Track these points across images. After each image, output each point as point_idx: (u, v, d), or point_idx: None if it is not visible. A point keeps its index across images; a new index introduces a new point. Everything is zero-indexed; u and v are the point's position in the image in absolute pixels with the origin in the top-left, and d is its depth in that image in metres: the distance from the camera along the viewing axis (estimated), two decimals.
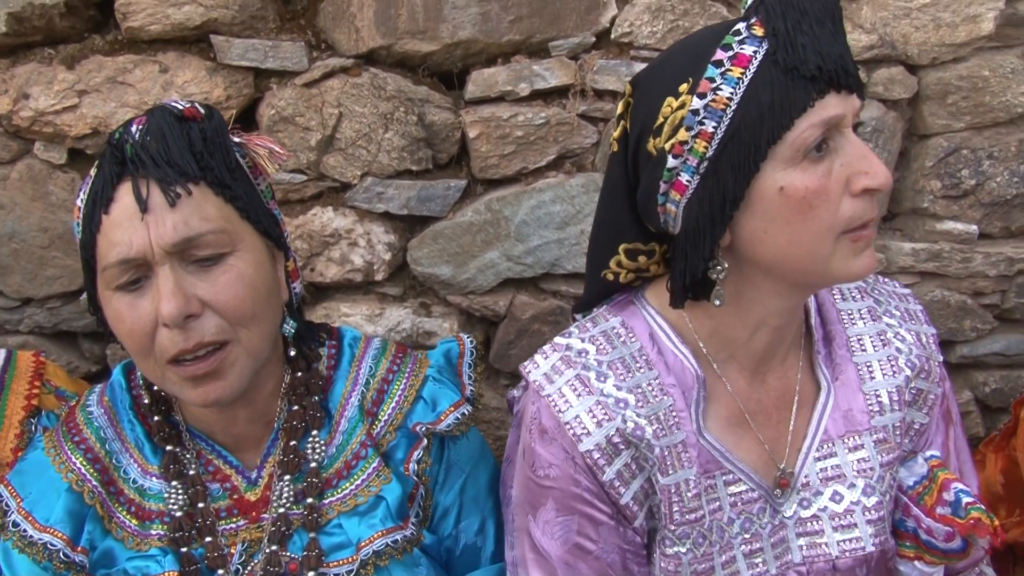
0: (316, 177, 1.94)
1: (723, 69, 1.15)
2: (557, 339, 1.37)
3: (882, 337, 1.40)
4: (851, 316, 1.41)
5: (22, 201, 1.93)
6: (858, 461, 1.35)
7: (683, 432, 1.29)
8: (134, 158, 1.23)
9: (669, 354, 1.32)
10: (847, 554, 1.34)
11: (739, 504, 1.32)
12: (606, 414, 1.27)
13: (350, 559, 1.36)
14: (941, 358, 1.45)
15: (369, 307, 2.02)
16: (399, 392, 1.47)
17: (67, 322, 2.07)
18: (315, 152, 1.91)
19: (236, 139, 1.33)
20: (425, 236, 1.98)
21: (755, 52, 1.14)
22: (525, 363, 1.37)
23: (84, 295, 2.02)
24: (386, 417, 1.45)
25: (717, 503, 1.31)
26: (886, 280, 1.52)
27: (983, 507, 1.32)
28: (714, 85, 1.15)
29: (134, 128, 1.26)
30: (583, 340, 1.34)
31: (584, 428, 1.27)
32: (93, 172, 1.29)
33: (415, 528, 1.41)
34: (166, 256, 1.22)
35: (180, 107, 1.27)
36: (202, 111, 1.29)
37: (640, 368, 1.31)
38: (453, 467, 1.48)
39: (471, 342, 1.59)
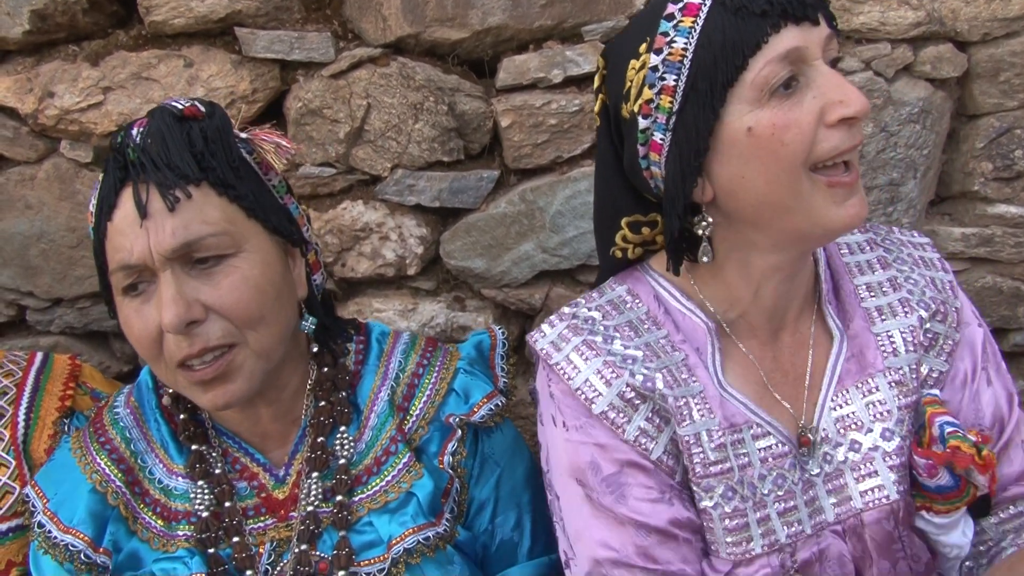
0: (345, 170, 1.90)
1: (675, 21, 1.15)
2: (564, 309, 1.36)
3: (892, 282, 1.36)
4: (859, 267, 1.38)
5: (49, 201, 1.91)
6: (874, 404, 1.30)
7: (700, 384, 1.26)
8: (135, 162, 1.21)
9: (676, 313, 1.32)
10: (871, 505, 1.28)
11: (769, 460, 1.27)
12: (614, 372, 1.25)
13: (381, 558, 1.34)
14: (962, 303, 1.39)
15: (402, 302, 1.98)
16: (430, 385, 1.44)
17: (97, 322, 2.05)
18: (344, 145, 1.87)
19: (243, 135, 1.31)
20: (458, 229, 1.93)
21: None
22: (532, 333, 1.35)
23: None
24: (417, 411, 1.42)
25: (746, 458, 1.26)
26: (901, 230, 1.48)
27: (965, 434, 1.24)
28: (668, 39, 1.16)
29: (135, 131, 1.24)
30: (590, 309, 1.34)
31: (595, 390, 1.25)
32: (101, 177, 1.27)
33: (449, 524, 1.38)
34: (166, 262, 1.20)
35: (180, 106, 1.25)
36: (203, 109, 1.26)
37: (648, 328, 1.30)
38: (488, 461, 1.45)
39: (502, 333, 1.57)
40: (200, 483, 1.35)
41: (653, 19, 1.18)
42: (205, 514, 1.34)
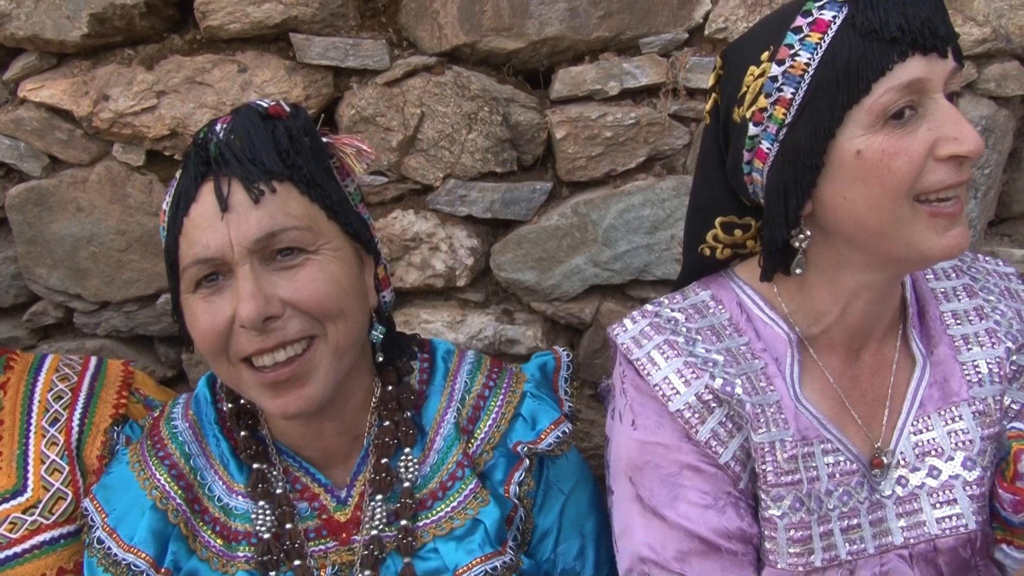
0: (397, 179, 1.89)
1: (802, 35, 1.14)
2: (647, 306, 1.37)
3: (979, 312, 1.35)
4: (945, 294, 1.37)
5: (101, 204, 1.90)
6: (956, 433, 1.29)
7: (777, 394, 1.26)
8: (218, 157, 1.19)
9: (759, 321, 1.32)
10: (948, 532, 1.28)
11: (837, 475, 1.27)
12: (694, 373, 1.25)
13: None
14: None
15: (450, 313, 1.96)
16: (496, 409, 1.41)
17: (143, 326, 2.04)
18: (396, 153, 1.85)
19: (323, 139, 1.29)
20: (509, 240, 1.91)
21: (834, 17, 1.12)
22: (612, 326, 1.35)
23: (161, 299, 1.99)
24: (483, 435, 1.39)
25: (815, 472, 1.26)
26: (987, 259, 1.46)
27: None
28: (792, 51, 1.15)
29: (219, 127, 1.22)
30: (672, 310, 1.34)
31: (673, 388, 1.26)
32: (179, 174, 1.25)
33: (513, 553, 1.34)
34: (247, 255, 1.17)
35: (265, 105, 1.24)
36: (287, 109, 1.25)
37: (730, 335, 1.31)
38: (552, 488, 1.42)
39: (567, 355, 1.53)
40: (261, 503, 1.32)
41: (780, 28, 1.18)
42: (267, 536, 1.31)
